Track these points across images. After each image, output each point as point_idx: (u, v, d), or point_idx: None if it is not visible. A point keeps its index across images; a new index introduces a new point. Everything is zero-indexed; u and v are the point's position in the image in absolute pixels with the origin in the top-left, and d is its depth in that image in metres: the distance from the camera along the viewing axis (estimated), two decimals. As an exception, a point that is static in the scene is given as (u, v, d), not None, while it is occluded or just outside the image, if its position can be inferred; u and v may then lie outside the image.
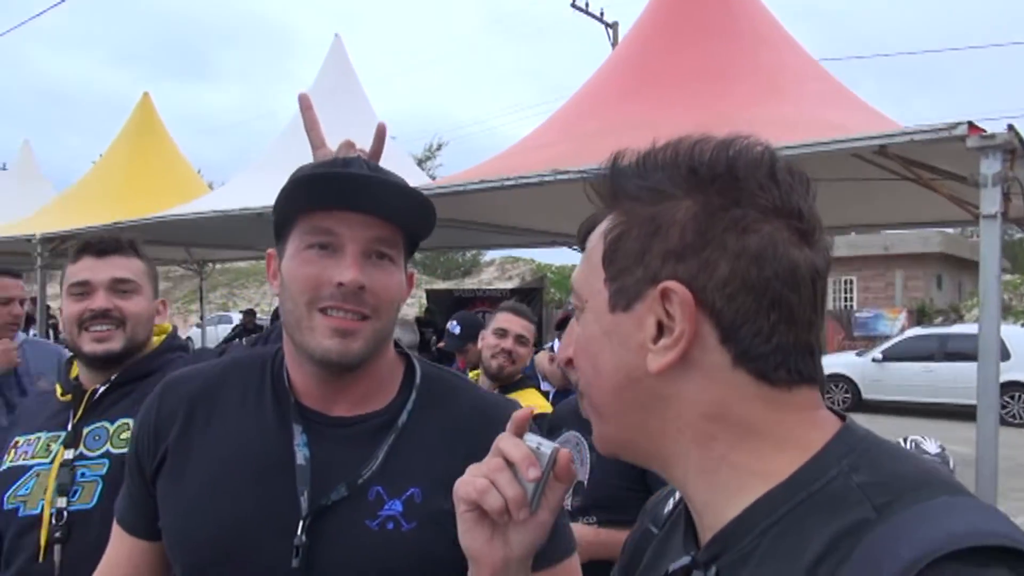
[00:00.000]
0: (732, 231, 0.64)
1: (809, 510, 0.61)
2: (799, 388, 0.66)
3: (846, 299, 24.95)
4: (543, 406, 2.97)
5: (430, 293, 17.21)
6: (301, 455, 1.07)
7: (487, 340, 3.16)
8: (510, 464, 0.77)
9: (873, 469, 0.62)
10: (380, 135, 1.25)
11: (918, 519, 0.56)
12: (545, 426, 2.83)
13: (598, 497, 2.30)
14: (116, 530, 1.20)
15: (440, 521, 1.05)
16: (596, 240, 0.72)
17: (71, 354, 1.87)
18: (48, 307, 10.26)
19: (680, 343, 0.64)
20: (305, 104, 1.32)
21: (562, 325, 2.68)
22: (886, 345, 15.05)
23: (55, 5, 14.36)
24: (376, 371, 1.14)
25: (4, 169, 19.74)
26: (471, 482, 0.78)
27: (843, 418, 0.69)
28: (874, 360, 14.54)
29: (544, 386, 3.85)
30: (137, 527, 1.17)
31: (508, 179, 5.15)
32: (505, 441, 0.79)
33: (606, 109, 5.75)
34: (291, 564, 1.02)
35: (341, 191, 1.05)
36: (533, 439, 0.79)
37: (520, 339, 3.09)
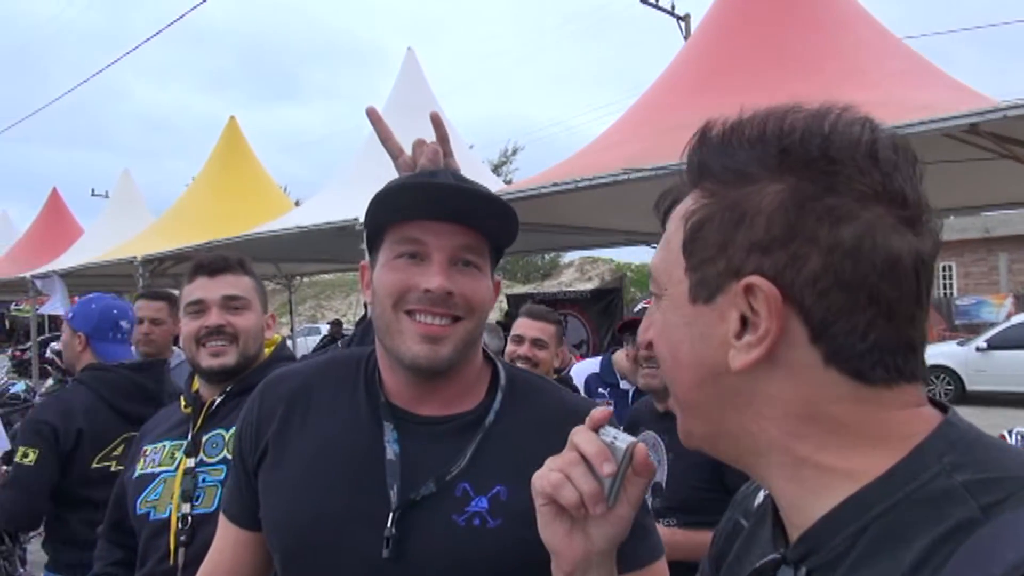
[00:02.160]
0: (825, 222, 0.59)
1: (907, 511, 0.57)
2: (899, 386, 0.62)
3: (945, 287, 23.71)
4: None
5: (510, 298, 17.28)
6: (391, 450, 1.11)
7: (507, 347, 3.13)
8: (586, 459, 0.77)
9: (978, 466, 0.57)
10: (436, 122, 1.30)
11: None
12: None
13: (677, 499, 2.27)
14: (221, 520, 1.28)
15: (525, 519, 1.05)
16: (676, 224, 0.68)
17: (192, 369, 2.01)
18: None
19: (765, 341, 0.61)
20: (374, 117, 1.37)
21: (627, 328, 2.63)
22: (991, 333, 14.23)
23: (150, 38, 15.17)
24: (465, 375, 1.17)
25: (107, 197, 20.95)
26: (546, 476, 0.78)
27: (946, 411, 0.64)
28: (978, 349, 13.77)
29: (624, 385, 3.80)
30: (240, 517, 1.24)
31: (580, 181, 5.14)
32: (580, 435, 0.78)
33: (679, 104, 5.65)
34: (382, 555, 1.06)
35: (426, 201, 1.09)
36: (610, 433, 0.79)
37: (537, 342, 3.01)
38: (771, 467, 0.65)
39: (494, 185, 8.16)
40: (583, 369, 3.86)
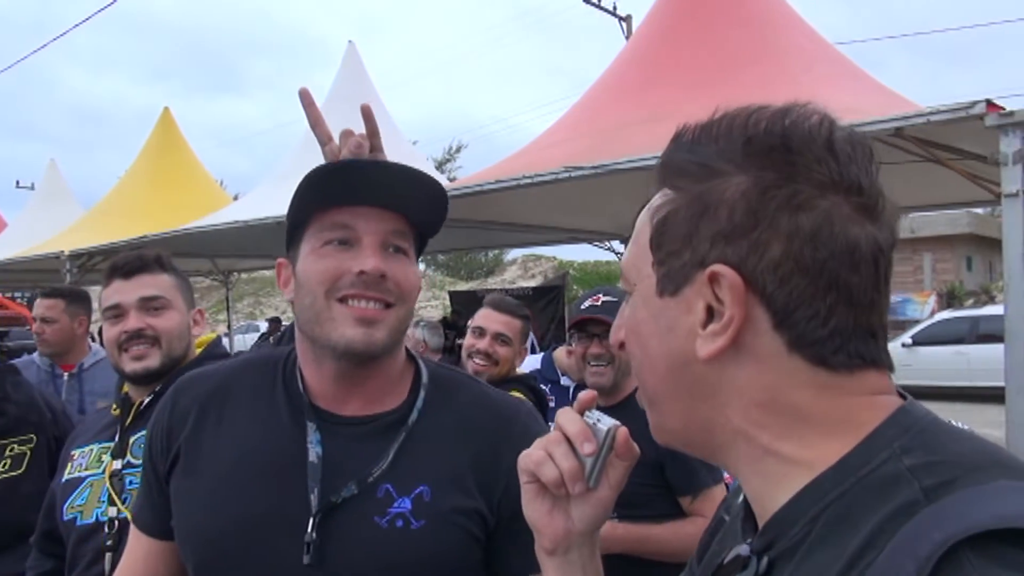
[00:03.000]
0: (785, 210, 0.60)
1: (858, 496, 0.58)
2: (862, 372, 0.63)
3: (874, 284, 24.59)
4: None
5: (453, 295, 17.26)
6: (313, 453, 1.09)
7: (466, 340, 2.85)
8: (569, 439, 0.78)
9: (926, 451, 0.58)
10: (367, 115, 1.26)
11: (966, 501, 0.53)
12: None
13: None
14: (132, 531, 1.23)
15: (448, 519, 1.08)
16: (644, 220, 0.70)
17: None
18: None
19: (730, 329, 0.62)
20: (307, 100, 1.30)
21: (578, 326, 2.57)
22: (916, 330, 14.83)
23: (79, 24, 14.62)
24: (389, 370, 1.15)
25: (32, 189, 20.13)
26: (531, 454, 0.80)
27: (905, 399, 0.65)
28: (904, 345, 14.32)
29: (564, 381, 3.83)
30: (152, 527, 1.19)
31: (522, 178, 5.16)
32: (563, 416, 0.80)
33: (618, 104, 5.73)
34: (302, 561, 1.03)
35: (356, 186, 1.07)
36: (594, 415, 0.79)
37: (500, 337, 2.74)
38: (739, 459, 0.66)
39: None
40: (525, 365, 3.86)
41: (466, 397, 1.20)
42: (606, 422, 0.78)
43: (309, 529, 1.04)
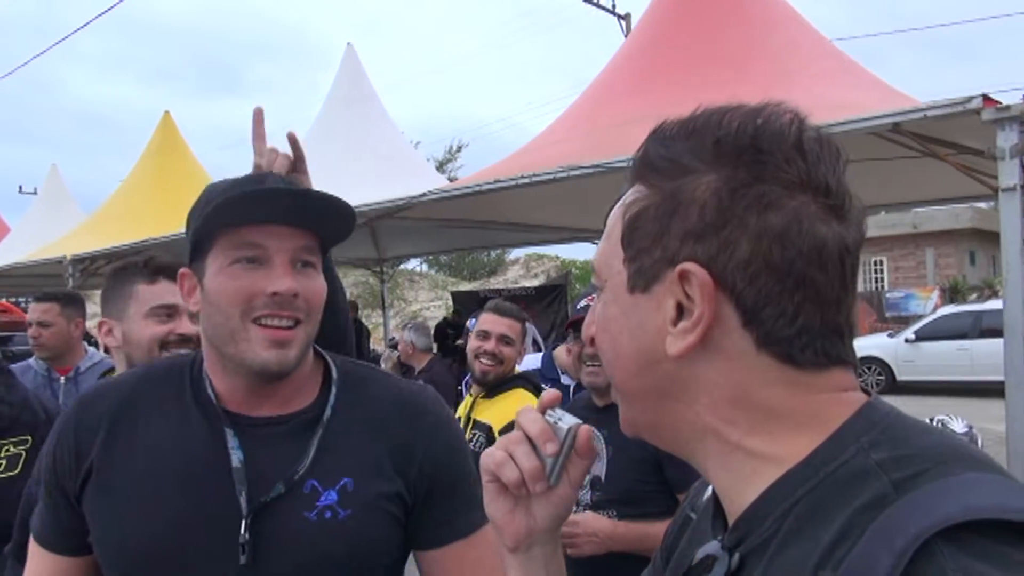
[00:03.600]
0: (753, 209, 0.61)
1: (828, 490, 0.59)
2: (829, 371, 0.64)
3: (876, 280, 24.57)
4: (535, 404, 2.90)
5: (455, 295, 17.25)
6: (236, 458, 1.11)
7: (470, 343, 3.05)
8: (531, 439, 0.78)
9: (893, 445, 0.59)
10: (292, 142, 1.32)
11: (937, 493, 0.54)
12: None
13: (616, 491, 2.30)
14: (36, 550, 1.20)
15: (373, 504, 1.14)
16: (616, 216, 0.70)
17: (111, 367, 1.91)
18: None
19: (699, 326, 0.62)
20: (257, 119, 1.38)
21: (574, 325, 2.63)
22: (919, 325, 14.81)
23: (80, 28, 14.64)
24: (299, 373, 1.18)
25: (35, 194, 20.18)
26: (492, 453, 0.80)
27: (870, 395, 0.66)
28: (907, 341, 14.31)
29: (564, 379, 3.84)
30: (58, 544, 1.18)
31: (521, 178, 5.16)
32: (524, 415, 0.80)
33: (618, 102, 5.73)
34: (239, 562, 1.06)
35: (267, 207, 1.09)
36: (555, 414, 0.79)
37: (504, 339, 2.95)
38: (708, 455, 0.67)
39: (439, 183, 8.12)
40: (526, 365, 3.88)
41: (376, 390, 1.24)
42: (567, 421, 0.79)
43: (242, 531, 1.07)
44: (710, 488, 0.81)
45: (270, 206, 1.09)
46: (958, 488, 0.54)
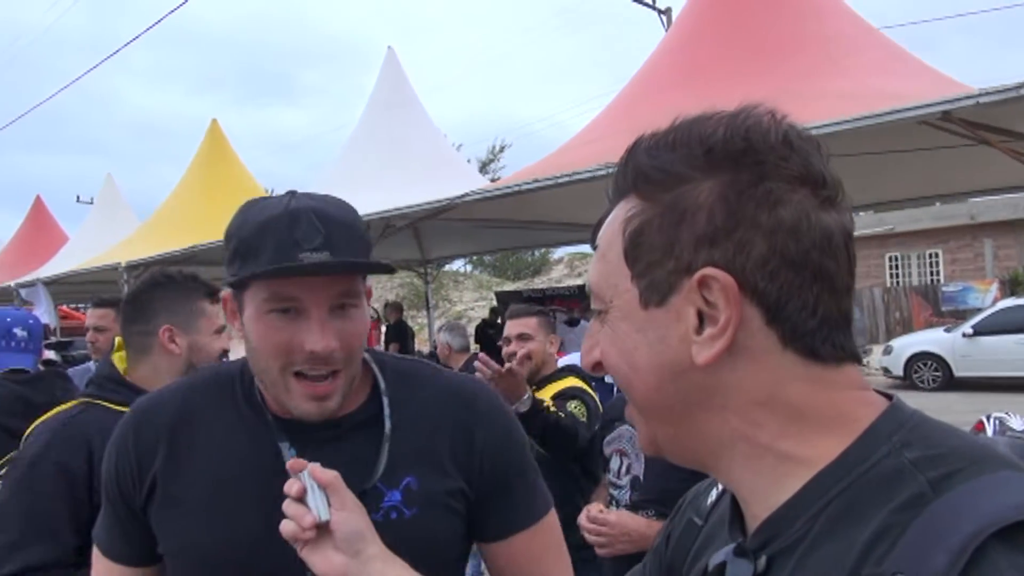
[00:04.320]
0: (763, 206, 0.62)
1: (861, 491, 0.59)
2: (844, 366, 0.64)
3: (932, 273, 23.87)
4: (585, 386, 3.05)
5: (500, 295, 17.31)
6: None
7: (504, 352, 3.23)
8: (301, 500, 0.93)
9: (925, 445, 0.60)
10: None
11: (980, 491, 0.54)
12: (597, 420, 2.82)
13: (655, 491, 2.28)
14: (101, 561, 1.22)
15: (437, 502, 1.15)
16: (612, 235, 0.69)
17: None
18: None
19: (727, 331, 0.62)
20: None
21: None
22: (977, 319, 14.32)
23: (131, 41, 15.07)
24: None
25: (92, 203, 20.85)
26: (282, 527, 0.93)
27: (890, 398, 0.66)
28: (965, 335, 13.86)
29: (608, 378, 3.84)
30: (123, 555, 1.20)
31: (560, 177, 5.15)
32: (285, 487, 0.94)
33: (658, 98, 5.67)
34: (304, 573, 1.03)
35: (297, 272, 1.05)
36: (303, 473, 0.95)
37: (521, 336, 3.14)
38: (734, 459, 0.66)
39: (481, 184, 8.14)
40: (567, 361, 3.89)
41: (427, 384, 1.23)
42: (306, 469, 0.95)
43: None
44: (714, 493, 0.83)
45: (302, 271, 1.05)
46: (1001, 486, 0.54)
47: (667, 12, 17.14)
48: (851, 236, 0.65)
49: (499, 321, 12.96)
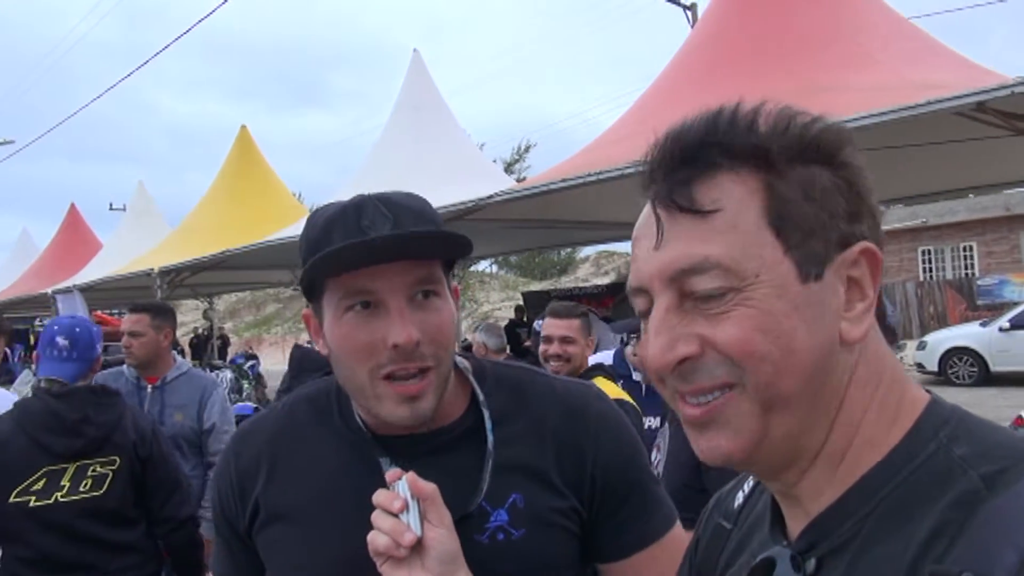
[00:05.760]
0: (870, 193, 0.65)
1: (912, 489, 0.59)
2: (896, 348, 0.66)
3: (966, 267, 23.40)
4: (615, 392, 2.98)
5: (527, 296, 17.29)
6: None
7: (540, 348, 3.25)
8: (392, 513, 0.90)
9: (972, 440, 0.59)
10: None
11: None
12: (638, 421, 2.81)
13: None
14: None
15: (547, 521, 1.06)
16: (740, 204, 0.62)
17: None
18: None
19: (873, 306, 0.63)
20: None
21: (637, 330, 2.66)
22: (1014, 312, 14.01)
23: (162, 50, 15.31)
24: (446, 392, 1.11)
25: (124, 211, 21.22)
26: (368, 539, 0.90)
27: (926, 391, 0.66)
28: (1001, 329, 13.57)
29: (636, 376, 3.83)
30: None
31: (588, 176, 5.14)
32: (374, 497, 0.92)
33: (685, 95, 5.62)
34: None
35: (370, 252, 0.99)
36: (396, 484, 0.92)
37: (565, 340, 3.15)
38: (818, 456, 0.63)
39: (507, 184, 8.15)
40: (596, 362, 3.88)
41: (534, 395, 1.15)
42: (403, 480, 0.92)
43: None
44: (740, 496, 0.81)
45: (373, 251, 0.99)
46: None
47: (692, 7, 17.02)
48: None
49: (525, 320, 12.96)
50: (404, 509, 0.89)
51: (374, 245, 0.99)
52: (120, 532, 2.51)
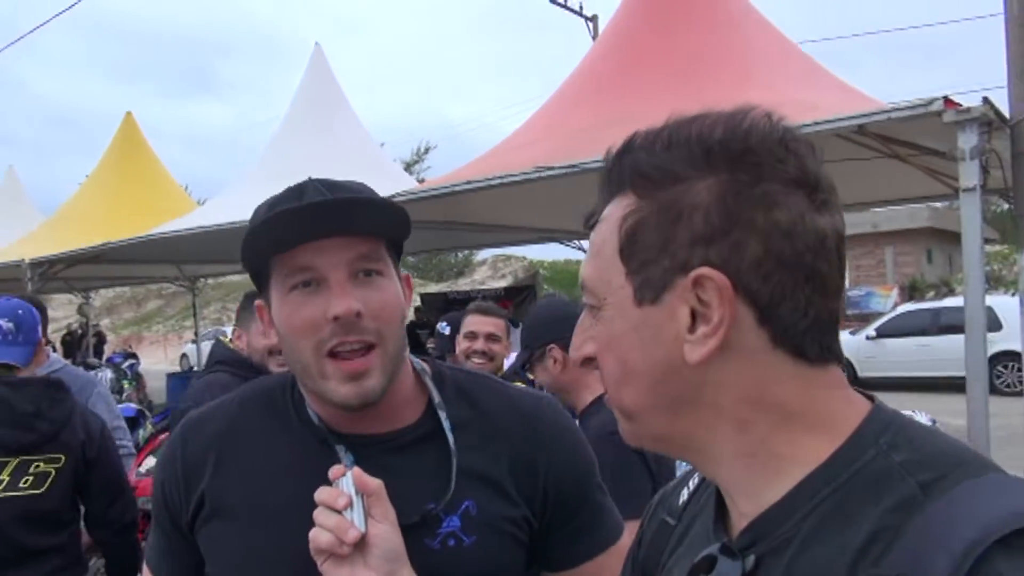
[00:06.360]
0: (760, 208, 0.62)
1: (851, 492, 0.60)
2: (829, 366, 0.65)
3: (838, 279, 24.95)
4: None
5: (424, 297, 17.20)
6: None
7: (460, 345, 3.18)
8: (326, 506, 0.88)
9: (912, 447, 0.61)
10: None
11: (972, 496, 0.56)
12: None
13: None
14: None
15: (498, 529, 1.06)
16: (607, 232, 0.68)
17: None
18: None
19: (720, 330, 0.62)
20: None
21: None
22: (880, 322, 15.12)
23: (39, 27, 14.28)
24: (399, 388, 1.09)
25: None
26: (310, 537, 0.88)
27: (871, 398, 0.68)
28: (868, 338, 14.60)
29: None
30: (174, 574, 1.14)
31: (494, 178, 5.17)
32: (317, 494, 0.90)
33: (589, 104, 5.77)
34: None
35: (307, 224, 0.99)
36: (340, 482, 0.90)
37: (491, 337, 3.12)
38: (723, 457, 0.67)
39: (407, 184, 8.09)
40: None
41: (491, 403, 1.14)
42: (348, 475, 0.90)
43: None
44: (685, 493, 0.83)
45: (310, 222, 0.99)
46: (993, 491, 0.56)
47: (594, 19, 17.43)
48: (843, 239, 0.66)
49: (426, 321, 12.88)
50: (348, 506, 0.87)
51: (305, 210, 0.99)
52: (47, 537, 2.34)
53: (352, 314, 0.99)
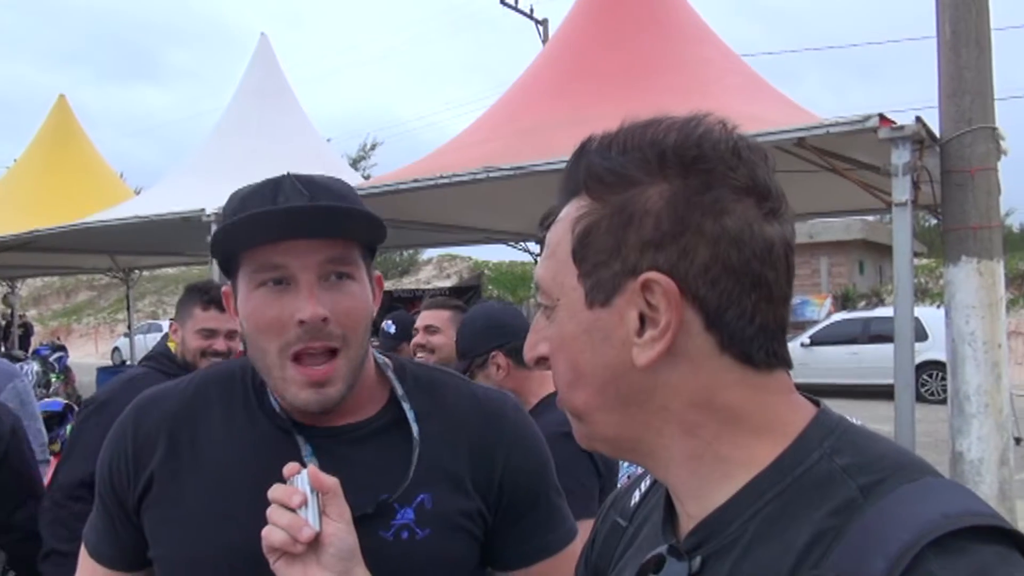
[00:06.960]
0: (709, 215, 0.63)
1: (795, 495, 0.62)
2: (777, 371, 0.67)
3: (775, 287, 25.61)
4: None
5: (367, 294, 17.01)
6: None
7: (413, 342, 3.15)
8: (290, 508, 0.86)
9: (854, 451, 0.63)
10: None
11: (908, 499, 0.57)
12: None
13: None
14: (88, 563, 1.12)
15: (452, 523, 1.06)
16: (561, 233, 0.69)
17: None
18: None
19: (667, 334, 0.63)
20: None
21: None
22: (813, 330, 15.55)
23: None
24: (364, 382, 1.09)
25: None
26: (262, 534, 0.87)
27: (816, 403, 0.69)
28: (802, 345, 14.99)
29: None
30: (115, 559, 1.10)
31: (441, 178, 5.15)
32: (271, 491, 0.88)
33: (537, 106, 5.79)
34: None
35: (282, 224, 0.98)
36: (296, 478, 0.89)
37: (428, 328, 3.03)
38: (672, 458, 0.68)
39: (352, 180, 7.99)
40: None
41: (452, 398, 1.15)
42: (303, 472, 0.88)
43: None
44: (637, 494, 0.84)
45: (286, 226, 0.98)
46: (929, 494, 0.58)
47: (544, 23, 17.52)
48: (791, 247, 0.67)
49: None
50: (303, 504, 0.86)
51: (278, 215, 0.97)
52: None
53: (318, 319, 0.98)
